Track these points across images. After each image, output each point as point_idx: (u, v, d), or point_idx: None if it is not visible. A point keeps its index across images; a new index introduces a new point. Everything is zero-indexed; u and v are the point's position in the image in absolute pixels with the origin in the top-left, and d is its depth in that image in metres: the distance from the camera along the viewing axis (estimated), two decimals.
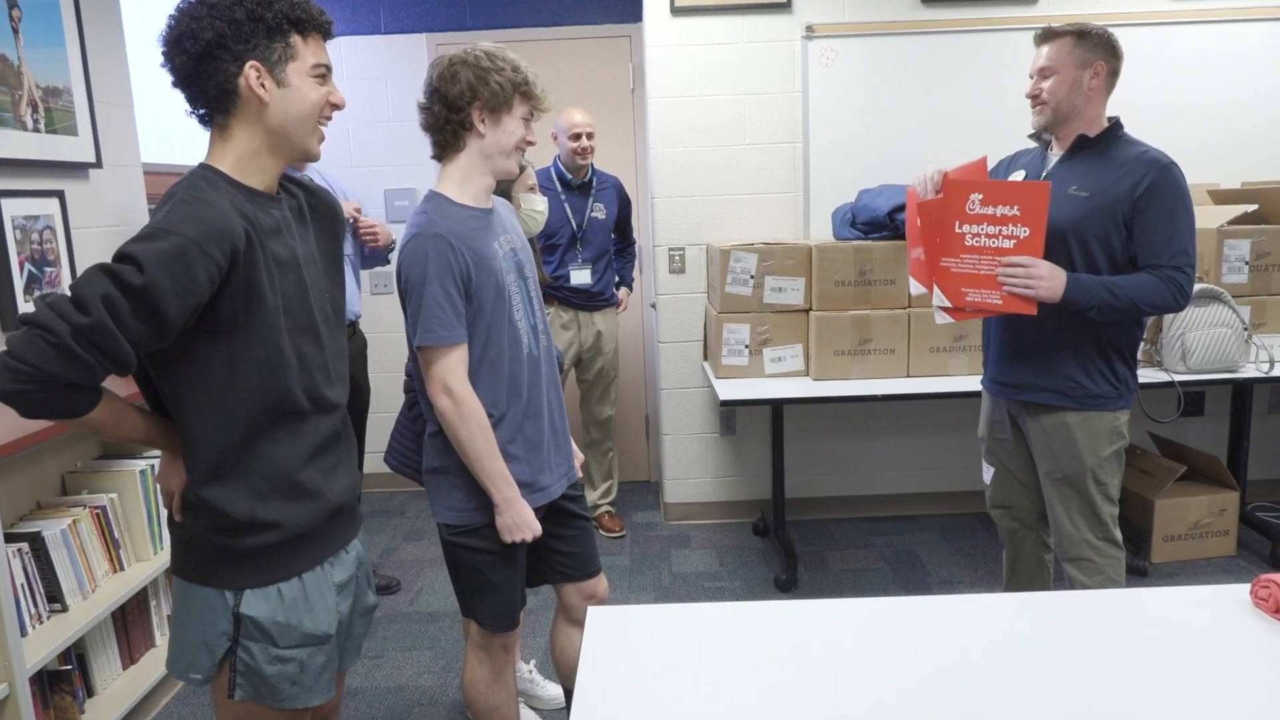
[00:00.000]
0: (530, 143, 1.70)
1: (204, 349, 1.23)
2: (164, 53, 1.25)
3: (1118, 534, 2.11)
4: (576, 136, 3.32)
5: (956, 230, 1.98)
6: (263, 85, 1.25)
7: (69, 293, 1.12)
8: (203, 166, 1.27)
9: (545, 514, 1.78)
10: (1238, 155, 3.39)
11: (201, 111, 1.28)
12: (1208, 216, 3.10)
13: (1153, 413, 3.17)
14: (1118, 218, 1.95)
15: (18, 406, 1.12)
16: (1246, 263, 3.01)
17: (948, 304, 2.03)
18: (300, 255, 1.32)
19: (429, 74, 1.65)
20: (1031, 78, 2.06)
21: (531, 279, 1.77)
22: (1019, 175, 2.15)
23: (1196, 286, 2.89)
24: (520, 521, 1.67)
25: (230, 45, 1.22)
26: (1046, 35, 2.04)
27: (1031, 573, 2.33)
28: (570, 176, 3.41)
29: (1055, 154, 2.10)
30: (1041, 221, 1.90)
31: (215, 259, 1.16)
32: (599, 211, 3.46)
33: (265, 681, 1.31)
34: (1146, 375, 2.90)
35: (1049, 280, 1.91)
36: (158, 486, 1.36)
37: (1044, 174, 2.08)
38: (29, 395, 1.11)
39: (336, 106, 1.32)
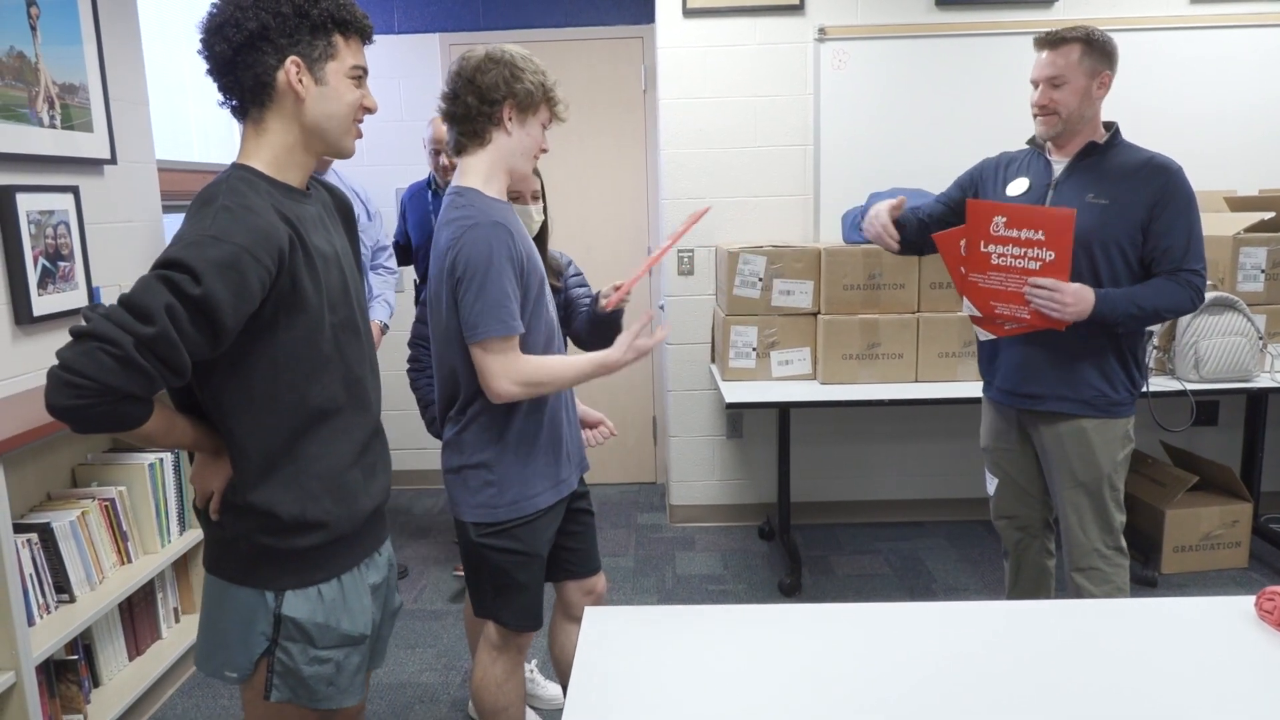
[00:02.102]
0: (544, 150, 1.70)
1: (247, 353, 1.22)
2: (203, 40, 1.24)
3: (1124, 542, 2.11)
4: (437, 153, 3.03)
5: (982, 250, 2.00)
6: (300, 81, 1.24)
7: (124, 302, 1.10)
8: (239, 167, 1.26)
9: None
10: (1255, 162, 3.36)
11: (234, 103, 1.28)
12: (1223, 224, 3.07)
13: (1165, 422, 3.14)
14: (1136, 224, 1.96)
15: (74, 421, 1.09)
16: (1262, 271, 2.97)
17: (977, 313, 2.07)
18: (339, 250, 1.34)
19: (459, 65, 1.63)
20: (1034, 84, 2.02)
21: (544, 274, 1.79)
22: (1022, 182, 2.10)
23: (1211, 294, 2.86)
24: (633, 347, 1.62)
25: (273, 38, 1.22)
26: (1053, 41, 2.00)
27: (1035, 581, 2.32)
28: (439, 187, 3.08)
29: (1058, 160, 2.07)
30: (1067, 246, 1.90)
31: (266, 265, 1.17)
32: None
33: (302, 682, 1.31)
34: (1159, 384, 2.87)
35: (1075, 305, 1.91)
36: (191, 483, 1.35)
37: (1053, 181, 2.05)
38: (89, 409, 1.08)
39: (369, 110, 1.33)
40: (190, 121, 3.41)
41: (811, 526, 3.65)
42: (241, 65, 1.23)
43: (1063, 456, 2.08)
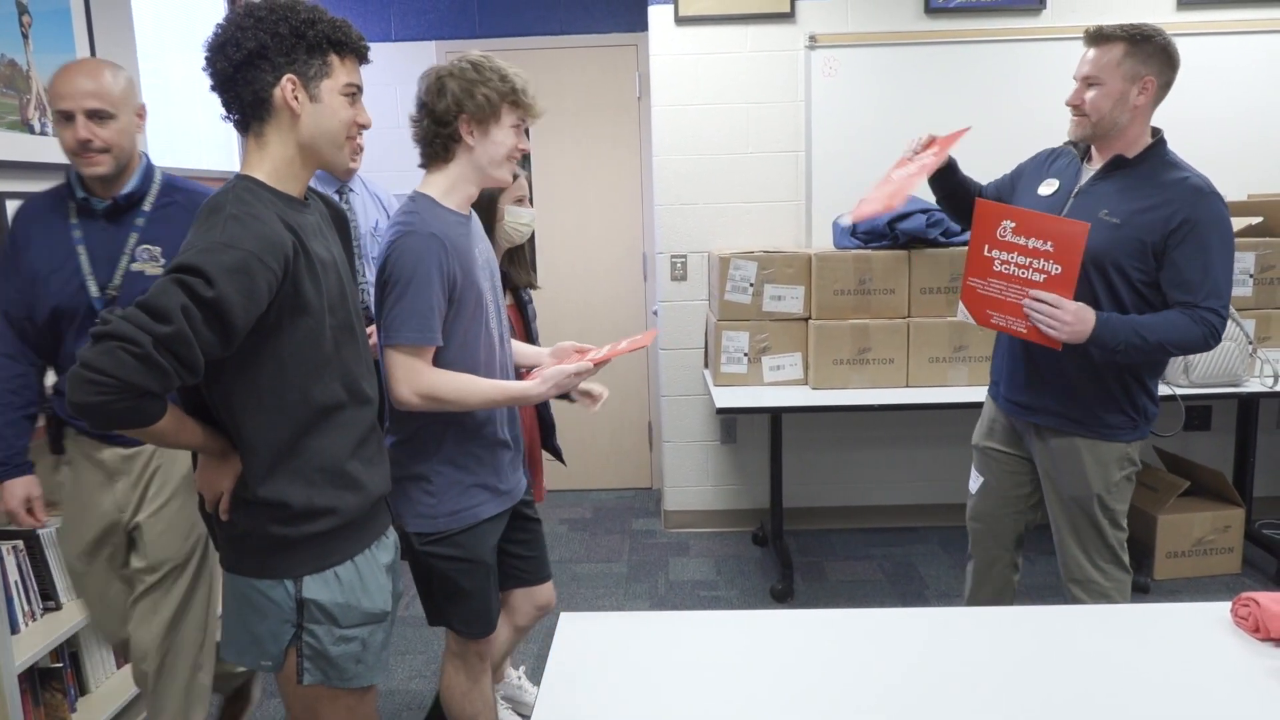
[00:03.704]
0: (523, 150, 1.70)
1: (254, 354, 1.28)
2: (206, 57, 1.32)
3: (1125, 557, 2.03)
4: (67, 116, 1.72)
5: (985, 254, 1.90)
6: (295, 98, 1.31)
7: (141, 304, 1.16)
8: (242, 177, 1.32)
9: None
10: (1244, 167, 3.36)
11: (236, 117, 1.35)
12: None
13: (1157, 427, 3.12)
14: (1147, 249, 1.83)
15: (95, 417, 1.15)
16: (1251, 276, 2.98)
17: (972, 321, 1.99)
18: (336, 256, 1.40)
19: (418, 87, 1.66)
20: (1076, 81, 1.91)
21: (499, 288, 1.79)
22: (1052, 184, 2.02)
23: None
24: (557, 382, 1.63)
25: (271, 56, 1.29)
26: (1097, 37, 1.86)
27: (996, 593, 2.26)
28: (87, 193, 1.81)
29: (1090, 167, 1.97)
30: (1075, 261, 1.78)
31: (273, 270, 1.23)
32: (149, 261, 1.81)
33: (331, 663, 1.37)
34: None
35: (1074, 325, 1.80)
36: (199, 491, 1.41)
37: (1076, 189, 1.96)
38: (109, 405, 1.14)
39: (363, 126, 1.40)
40: (187, 128, 3.42)
41: (804, 532, 3.64)
42: (241, 82, 1.30)
43: (1054, 471, 2.04)
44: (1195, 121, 3.33)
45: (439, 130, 1.62)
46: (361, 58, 1.39)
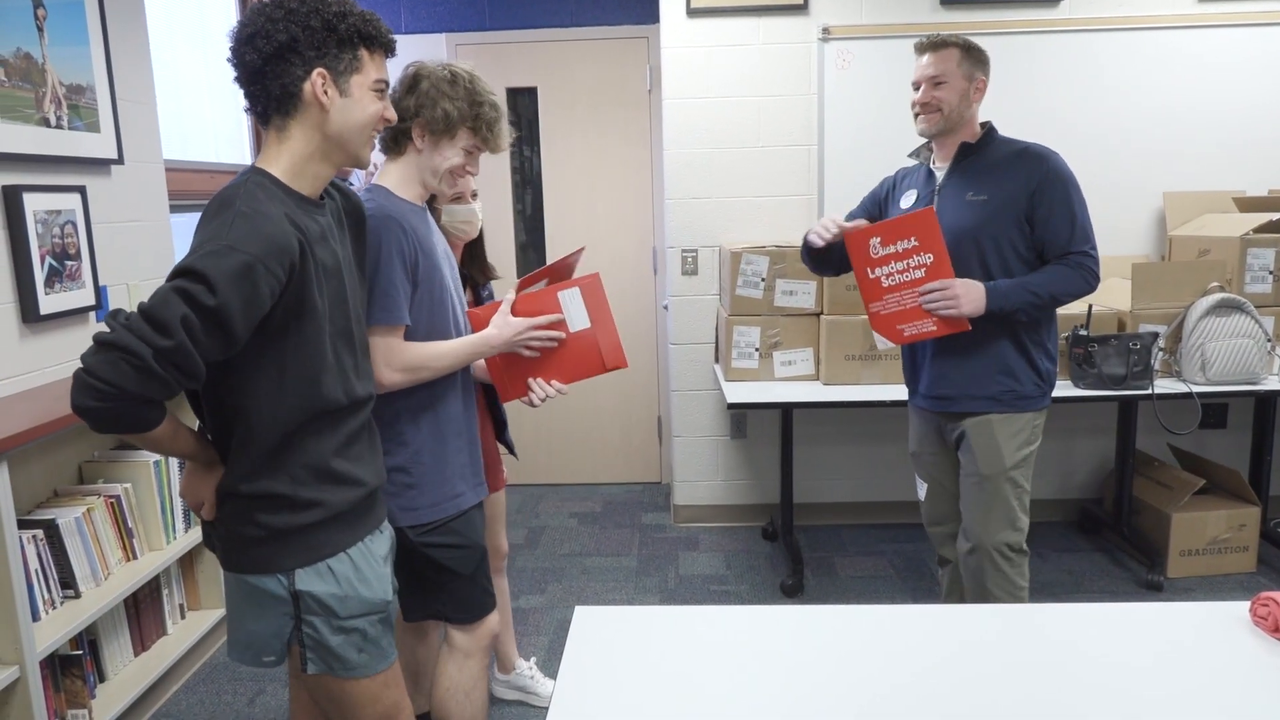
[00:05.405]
0: (470, 172, 1.71)
1: (255, 356, 1.28)
2: (233, 49, 1.30)
3: (1025, 546, 2.15)
4: None
5: (870, 276, 2.08)
6: (325, 92, 1.30)
7: (144, 313, 1.16)
8: (257, 171, 1.30)
9: None
10: (1264, 162, 3.32)
11: (260, 110, 1.33)
12: (1232, 224, 3.04)
13: (1172, 424, 3.11)
14: (1018, 215, 2.03)
15: (95, 421, 1.17)
16: (1270, 272, 2.95)
17: (889, 345, 2.14)
18: (342, 260, 1.38)
19: (401, 75, 1.68)
20: (915, 86, 2.10)
21: (459, 282, 1.79)
22: (911, 194, 2.19)
23: (1218, 296, 2.84)
24: (509, 329, 1.68)
25: (302, 50, 1.28)
26: (934, 45, 2.09)
27: None
28: None
29: (940, 167, 2.15)
30: (939, 244, 1.97)
31: (276, 274, 1.22)
32: None
33: (332, 653, 1.38)
34: (1165, 386, 2.85)
35: (967, 296, 1.98)
36: (181, 497, 1.43)
37: (937, 187, 2.13)
38: (108, 411, 1.16)
39: (388, 121, 1.39)
40: (200, 121, 3.43)
41: (815, 527, 3.64)
42: (270, 75, 1.28)
43: (968, 450, 2.14)
44: (1216, 114, 3.30)
45: (397, 123, 1.63)
46: (389, 52, 1.38)
